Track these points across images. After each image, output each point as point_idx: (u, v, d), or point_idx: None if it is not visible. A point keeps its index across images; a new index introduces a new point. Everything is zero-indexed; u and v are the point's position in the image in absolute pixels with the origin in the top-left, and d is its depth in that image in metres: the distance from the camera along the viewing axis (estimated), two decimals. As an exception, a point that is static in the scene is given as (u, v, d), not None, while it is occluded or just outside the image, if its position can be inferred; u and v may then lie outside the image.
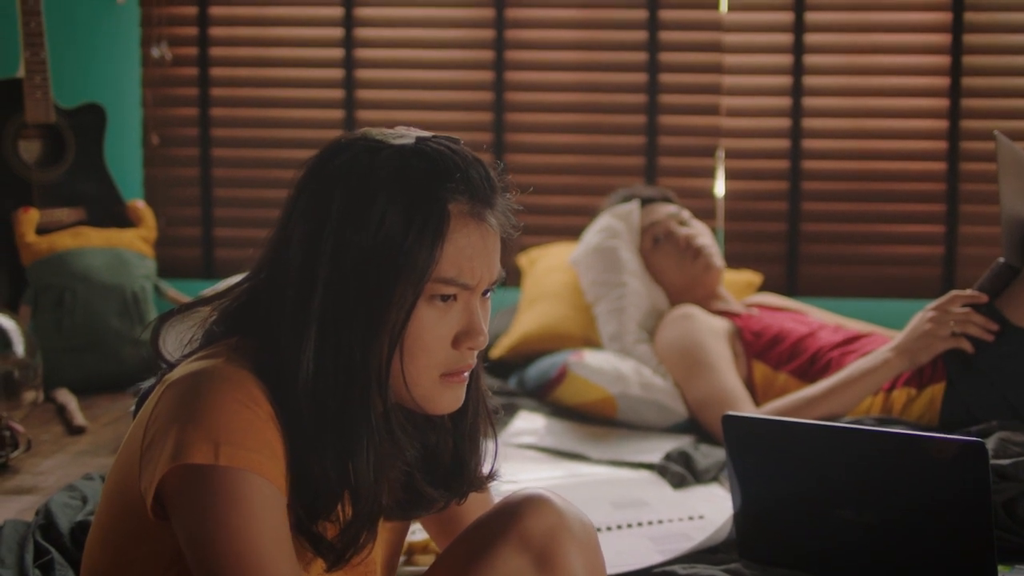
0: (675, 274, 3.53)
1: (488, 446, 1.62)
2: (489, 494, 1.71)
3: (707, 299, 3.49)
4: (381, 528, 1.57)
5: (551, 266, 3.90)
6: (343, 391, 1.41)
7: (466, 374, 1.49)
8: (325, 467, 1.40)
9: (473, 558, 1.52)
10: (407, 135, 1.47)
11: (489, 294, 1.50)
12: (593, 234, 3.67)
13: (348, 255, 1.40)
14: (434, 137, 1.47)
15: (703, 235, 3.53)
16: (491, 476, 1.64)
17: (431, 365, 1.45)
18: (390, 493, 1.51)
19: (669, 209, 3.62)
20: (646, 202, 3.68)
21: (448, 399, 1.48)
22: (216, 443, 1.34)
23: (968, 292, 2.86)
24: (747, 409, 3.02)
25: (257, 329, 1.45)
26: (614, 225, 3.62)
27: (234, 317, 1.49)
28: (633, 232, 3.61)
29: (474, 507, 1.66)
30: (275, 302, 1.44)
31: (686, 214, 3.61)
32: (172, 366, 1.48)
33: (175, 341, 1.54)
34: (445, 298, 1.44)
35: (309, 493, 1.41)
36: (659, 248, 3.56)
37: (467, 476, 1.59)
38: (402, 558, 2.24)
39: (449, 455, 1.58)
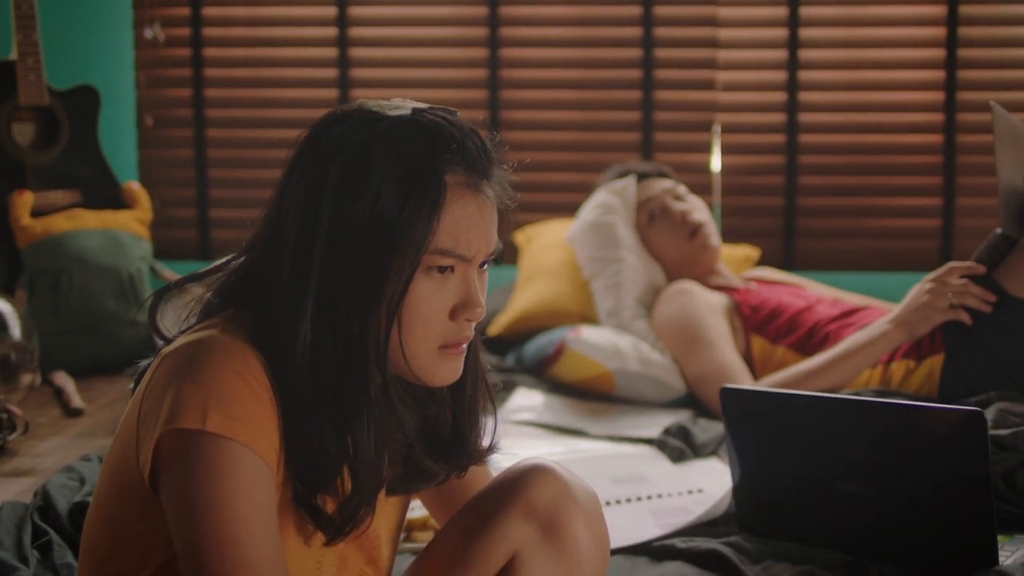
0: (671, 250, 3.51)
1: (488, 419, 1.62)
2: (488, 469, 1.70)
3: (705, 275, 3.48)
4: (383, 503, 1.56)
5: (548, 243, 3.89)
6: (341, 363, 1.40)
7: (464, 346, 1.48)
8: (324, 440, 1.40)
9: (479, 528, 1.52)
10: (403, 106, 1.46)
11: (486, 266, 1.50)
12: (589, 210, 3.66)
13: (345, 227, 1.40)
14: (430, 108, 1.47)
15: (699, 211, 3.51)
16: (491, 449, 1.63)
17: (429, 337, 1.44)
18: (390, 466, 1.51)
19: (665, 184, 3.60)
20: (642, 177, 3.66)
21: (446, 371, 1.48)
22: (205, 409, 1.33)
23: (965, 264, 2.85)
24: (747, 383, 3.01)
25: (253, 302, 1.45)
26: (610, 201, 3.61)
27: (230, 291, 1.49)
28: (629, 208, 3.60)
29: (474, 482, 1.66)
30: (271, 275, 1.43)
31: (682, 189, 3.59)
32: (169, 341, 1.48)
33: (173, 318, 1.53)
34: (443, 270, 1.43)
35: (308, 466, 1.40)
36: (655, 224, 3.54)
37: (467, 449, 1.59)
38: (401, 535, 2.24)
39: (449, 428, 1.58)
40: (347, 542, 1.50)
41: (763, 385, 2.96)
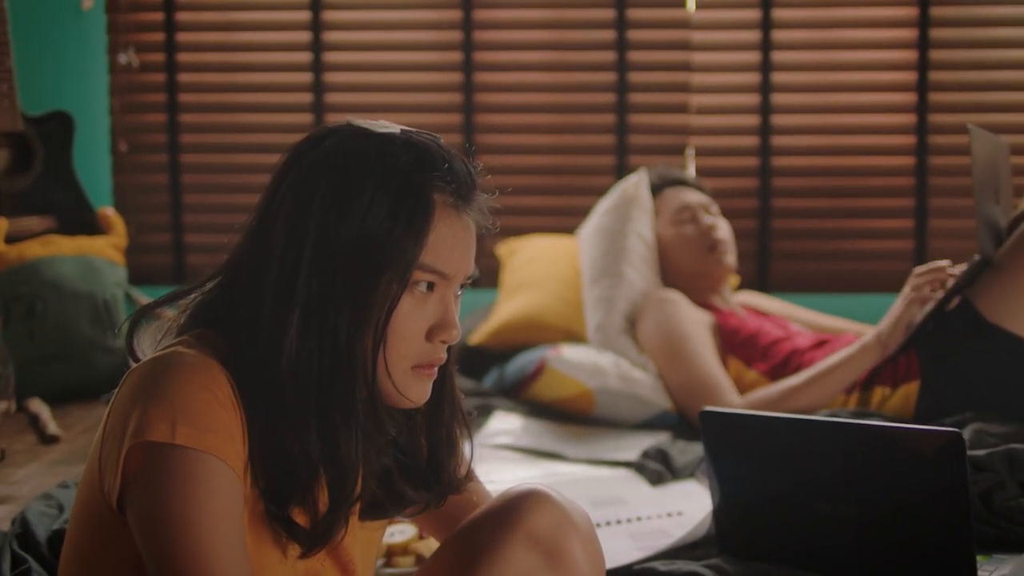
0: (687, 258, 3.49)
1: (464, 448, 1.62)
2: (483, 488, 1.70)
3: (707, 291, 3.47)
4: (358, 527, 1.56)
5: (531, 256, 3.89)
6: (328, 374, 1.41)
7: (435, 368, 1.49)
8: (307, 445, 1.40)
9: (480, 558, 1.52)
10: (392, 126, 1.48)
11: (460, 292, 1.51)
12: (603, 213, 3.66)
13: (333, 240, 1.41)
14: (417, 131, 1.49)
15: (724, 231, 3.51)
16: (468, 477, 1.64)
17: (405, 355, 1.45)
18: (366, 490, 1.51)
19: (701, 198, 3.59)
20: (679, 184, 3.66)
21: (417, 391, 1.48)
22: (173, 422, 1.33)
23: (929, 265, 2.90)
24: (730, 395, 3.02)
25: (225, 320, 1.45)
26: (626, 207, 3.60)
27: (202, 312, 1.49)
28: (644, 213, 3.58)
29: (463, 500, 1.66)
30: (253, 287, 1.43)
31: (715, 208, 3.59)
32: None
33: (150, 342, 1.53)
34: (428, 287, 1.45)
35: (284, 475, 1.40)
36: (679, 230, 3.51)
37: (444, 479, 1.59)
38: (381, 560, 2.24)
39: (425, 458, 1.58)
40: (322, 564, 1.50)
41: (747, 402, 2.97)
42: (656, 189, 3.64)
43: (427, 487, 1.58)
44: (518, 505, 1.55)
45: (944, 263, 2.90)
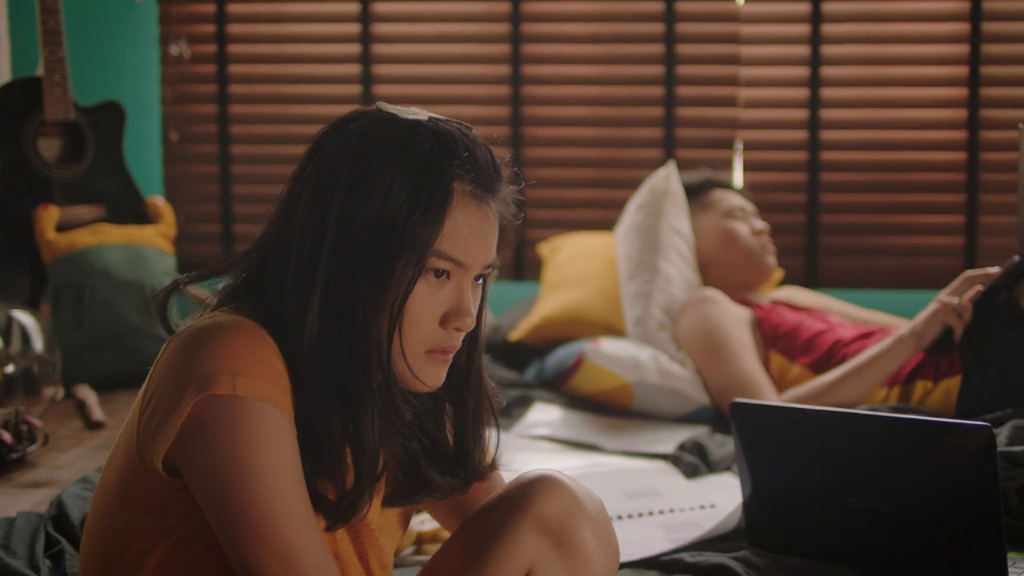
0: (736, 255, 3.47)
1: (491, 436, 1.63)
2: (499, 475, 1.71)
3: (747, 288, 3.47)
4: (386, 516, 1.57)
5: (572, 254, 3.90)
6: (347, 355, 1.43)
7: (450, 355, 1.50)
8: (330, 423, 1.42)
9: (490, 543, 1.52)
10: (420, 113, 1.50)
11: (482, 281, 1.51)
12: (635, 210, 3.65)
13: (353, 222, 1.43)
14: (446, 119, 1.50)
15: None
16: (493, 466, 1.64)
17: (418, 340, 1.46)
18: (391, 481, 1.52)
19: (750, 205, 3.59)
20: (729, 188, 3.65)
21: (431, 375, 1.49)
22: (233, 374, 1.36)
23: (981, 271, 2.87)
24: (769, 395, 3.01)
25: (261, 295, 1.47)
26: (658, 201, 3.60)
27: (238, 288, 1.51)
28: (676, 206, 3.57)
29: (484, 490, 1.67)
30: (280, 267, 1.45)
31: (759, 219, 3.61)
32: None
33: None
34: (439, 274, 1.46)
35: (312, 450, 1.42)
36: (734, 226, 3.50)
37: (470, 465, 1.60)
38: (411, 548, 2.25)
39: (452, 444, 1.59)
40: (346, 551, 1.51)
41: (785, 399, 2.96)
42: (708, 186, 3.63)
43: (452, 473, 1.59)
44: (528, 490, 1.54)
45: (994, 270, 2.87)
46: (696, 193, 3.62)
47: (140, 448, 1.40)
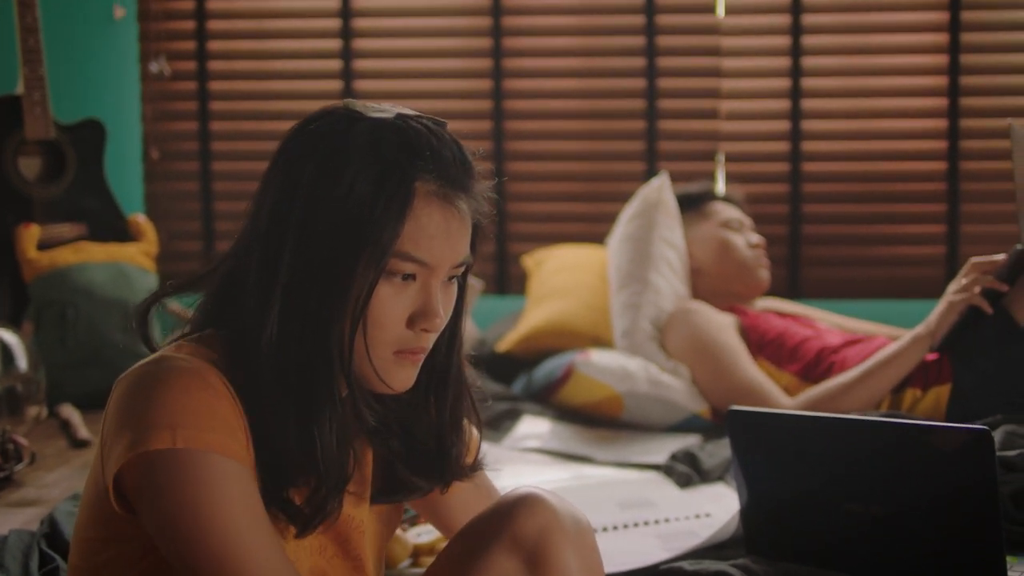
0: (730, 266, 3.47)
1: (473, 435, 1.61)
2: (490, 485, 1.70)
3: (737, 298, 3.47)
4: (369, 518, 1.56)
5: (558, 266, 3.90)
6: (306, 358, 1.40)
7: (420, 355, 1.47)
8: (286, 432, 1.40)
9: (466, 561, 1.50)
10: (388, 110, 1.47)
11: (454, 280, 1.49)
12: (628, 221, 3.66)
13: (315, 221, 1.40)
14: (416, 116, 1.46)
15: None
16: (476, 465, 1.63)
17: (384, 342, 1.44)
18: (374, 480, 1.52)
19: (746, 219, 3.60)
20: (728, 202, 3.65)
21: (400, 378, 1.47)
22: (172, 427, 1.33)
23: (986, 258, 2.85)
24: (779, 398, 3.01)
25: (231, 305, 1.45)
26: (650, 212, 3.60)
27: (214, 298, 1.49)
28: (669, 217, 3.57)
29: (473, 498, 1.66)
30: (244, 267, 1.43)
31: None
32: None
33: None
34: (405, 277, 1.43)
35: (274, 460, 1.40)
36: (731, 237, 3.49)
37: (449, 464, 1.58)
38: (407, 560, 2.24)
39: (432, 442, 1.57)
40: (330, 560, 1.50)
41: (799, 401, 2.95)
42: (707, 197, 3.64)
43: (431, 472, 1.58)
44: (508, 509, 1.52)
45: (999, 257, 2.86)
46: (695, 203, 3.62)
47: (107, 485, 1.39)
